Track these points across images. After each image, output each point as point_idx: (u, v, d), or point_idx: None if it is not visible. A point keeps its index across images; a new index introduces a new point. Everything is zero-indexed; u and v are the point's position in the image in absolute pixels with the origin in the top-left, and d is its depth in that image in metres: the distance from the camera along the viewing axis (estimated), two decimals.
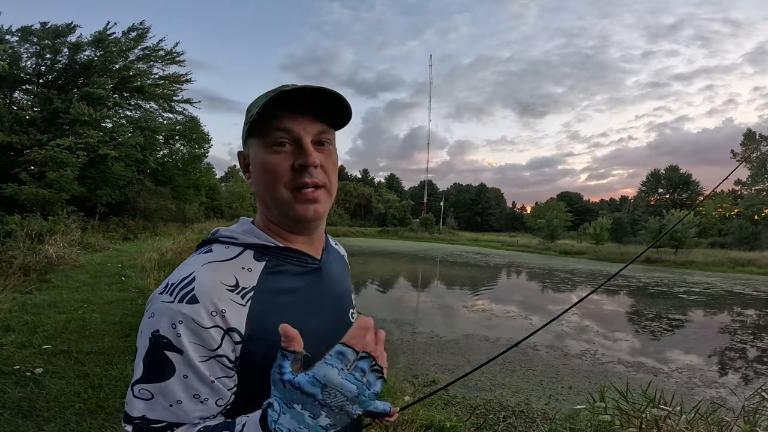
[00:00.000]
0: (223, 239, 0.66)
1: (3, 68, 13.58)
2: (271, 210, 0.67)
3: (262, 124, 0.62)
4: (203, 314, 0.55)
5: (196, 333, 0.55)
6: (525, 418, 3.63)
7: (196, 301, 0.56)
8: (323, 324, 0.67)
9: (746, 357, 6.28)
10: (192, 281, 0.57)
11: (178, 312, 0.55)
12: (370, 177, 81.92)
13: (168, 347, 0.54)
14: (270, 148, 0.63)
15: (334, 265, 0.80)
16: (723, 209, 43.89)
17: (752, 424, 2.23)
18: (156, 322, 0.56)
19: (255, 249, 0.65)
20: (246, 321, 0.58)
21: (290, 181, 0.63)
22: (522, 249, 31.28)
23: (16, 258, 6.87)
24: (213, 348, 0.55)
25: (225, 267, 0.61)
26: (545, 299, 10.72)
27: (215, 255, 0.63)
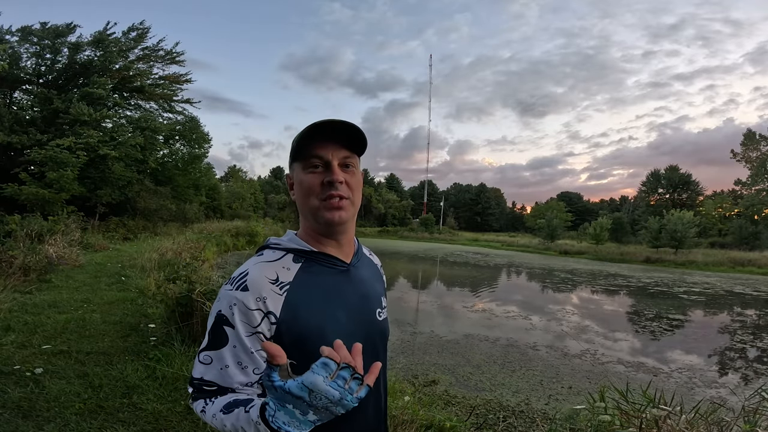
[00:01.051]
0: (272, 245, 0.87)
1: (3, 68, 13.59)
2: (307, 218, 0.85)
3: (302, 152, 0.81)
4: (251, 300, 0.75)
5: (244, 313, 0.74)
6: (525, 418, 3.63)
7: (247, 289, 0.76)
8: (348, 315, 0.83)
9: (746, 357, 6.28)
10: (246, 275, 0.78)
11: (234, 297, 0.75)
12: (370, 177, 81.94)
13: (226, 323, 0.75)
14: (307, 170, 0.82)
15: (364, 270, 0.95)
16: (723, 209, 43.88)
17: (752, 424, 2.23)
18: (220, 303, 0.77)
19: (294, 253, 0.85)
20: (281, 307, 0.76)
21: (320, 194, 0.81)
22: (522, 249, 31.28)
23: (16, 258, 6.86)
24: (255, 326, 0.75)
25: (270, 266, 0.81)
26: (545, 299, 10.71)
27: (265, 257, 0.84)
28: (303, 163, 0.82)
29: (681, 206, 39.45)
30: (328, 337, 0.73)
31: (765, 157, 39.93)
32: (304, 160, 0.82)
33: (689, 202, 48.98)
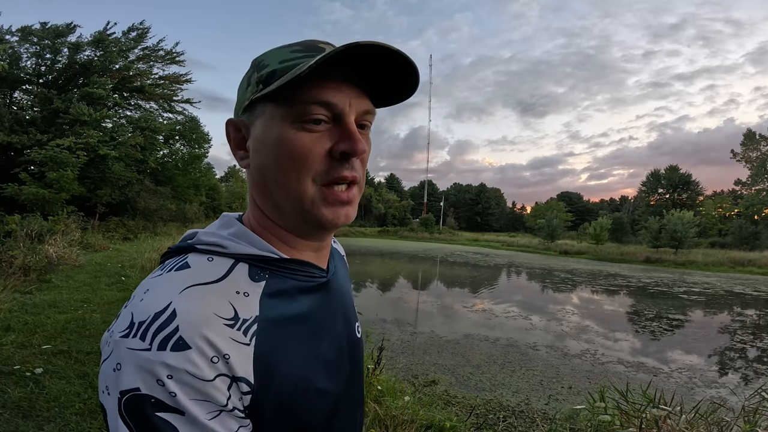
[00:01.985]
0: (202, 247, 0.49)
1: (3, 68, 13.59)
2: (279, 207, 0.50)
3: (292, 90, 0.46)
4: (200, 363, 0.40)
5: (196, 388, 0.40)
6: (525, 418, 3.63)
7: (187, 346, 0.40)
8: (333, 347, 0.55)
9: (746, 357, 6.28)
10: (173, 317, 0.41)
11: (161, 364, 0.39)
12: (370, 177, 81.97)
13: (161, 408, 0.40)
14: (299, 125, 0.47)
15: (339, 272, 0.65)
16: (723, 209, 43.89)
17: (752, 424, 2.23)
18: (129, 378, 0.40)
19: (251, 263, 0.49)
20: (253, 367, 0.44)
21: (322, 173, 0.48)
22: (522, 249, 31.28)
23: (16, 258, 6.87)
24: (222, 403, 0.42)
25: (217, 292, 0.45)
26: (545, 299, 10.71)
27: (195, 274, 0.46)
28: (292, 111, 0.46)
29: (681, 206, 39.45)
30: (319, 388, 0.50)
31: (765, 157, 39.94)
32: (294, 106, 0.46)
33: (689, 202, 49.00)
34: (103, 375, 0.43)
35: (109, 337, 0.44)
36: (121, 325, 0.43)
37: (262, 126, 0.48)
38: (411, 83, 0.51)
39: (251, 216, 0.54)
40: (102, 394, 0.42)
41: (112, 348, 0.42)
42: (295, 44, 0.50)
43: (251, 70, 0.50)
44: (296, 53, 0.48)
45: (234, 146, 0.52)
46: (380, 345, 3.63)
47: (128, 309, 0.44)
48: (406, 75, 0.49)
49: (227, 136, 0.53)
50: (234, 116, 0.53)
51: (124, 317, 0.43)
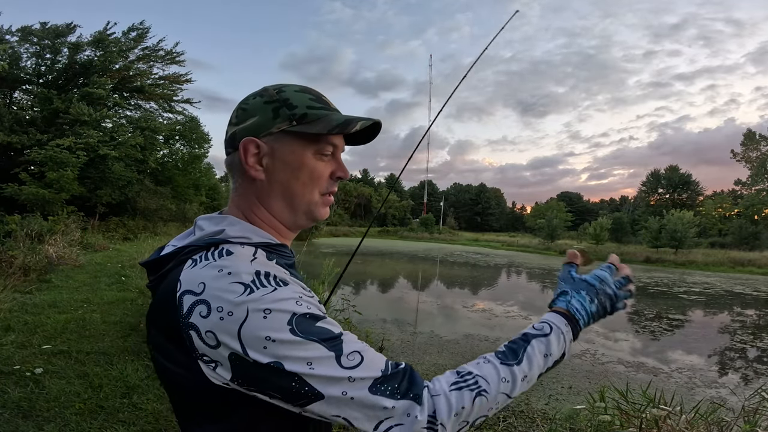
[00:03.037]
0: (234, 240, 0.63)
1: (3, 68, 13.59)
2: (291, 208, 0.68)
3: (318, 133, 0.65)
4: (301, 289, 0.58)
5: (314, 303, 0.58)
6: (525, 418, 3.63)
7: (288, 282, 0.57)
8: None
9: (746, 357, 6.28)
10: (268, 272, 0.56)
11: (291, 292, 0.55)
12: (370, 177, 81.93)
13: (316, 318, 0.55)
14: (316, 155, 0.66)
15: None
16: (723, 209, 43.89)
17: (752, 424, 2.23)
18: (283, 313, 0.53)
19: (263, 248, 0.65)
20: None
21: (325, 188, 0.69)
22: (522, 249, 31.28)
23: (16, 258, 6.87)
24: (323, 311, 0.59)
25: (265, 263, 0.61)
26: (545, 299, 10.71)
27: (243, 255, 0.60)
28: (315, 146, 0.66)
29: (681, 206, 39.45)
30: None
31: (765, 157, 39.94)
32: (318, 143, 0.66)
33: (689, 202, 49.02)
34: (253, 335, 0.51)
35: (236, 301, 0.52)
36: (231, 294, 0.53)
37: (290, 152, 0.65)
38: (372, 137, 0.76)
39: (246, 214, 0.68)
40: (263, 352, 0.51)
41: (246, 307, 0.52)
42: (306, 90, 0.67)
43: (277, 104, 0.65)
44: (315, 102, 0.66)
45: (250, 160, 0.65)
46: (380, 345, 3.63)
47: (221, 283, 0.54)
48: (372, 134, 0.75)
49: (245, 150, 0.64)
50: (250, 134, 0.65)
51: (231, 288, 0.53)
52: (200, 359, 0.53)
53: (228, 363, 0.52)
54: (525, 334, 0.66)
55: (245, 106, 0.66)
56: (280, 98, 0.65)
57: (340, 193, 58.22)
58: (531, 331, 0.66)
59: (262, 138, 0.64)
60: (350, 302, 5.51)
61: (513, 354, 0.63)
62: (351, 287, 10.71)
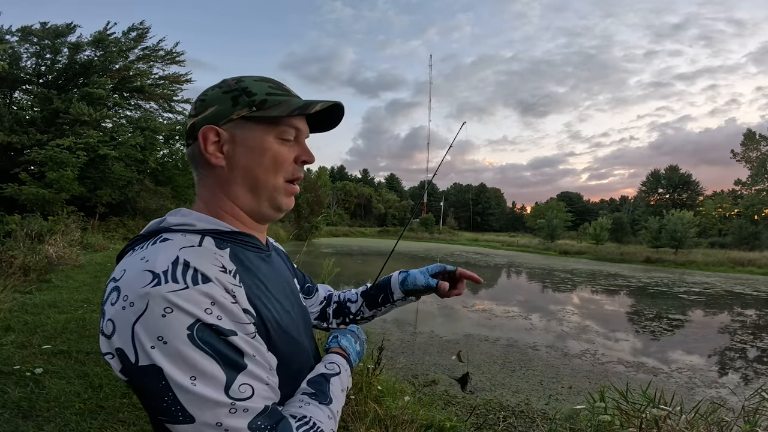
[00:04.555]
0: (175, 228, 0.60)
1: (3, 68, 13.59)
2: (253, 196, 0.66)
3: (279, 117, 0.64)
4: (222, 293, 0.52)
5: (230, 312, 0.51)
6: (525, 418, 3.63)
7: (209, 280, 0.51)
8: (291, 306, 0.71)
9: (746, 357, 6.28)
10: (188, 263, 0.51)
11: (202, 294, 0.49)
12: (370, 177, 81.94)
13: (223, 333, 0.49)
14: (278, 139, 0.65)
15: (275, 254, 0.78)
16: (723, 209, 43.88)
17: (752, 424, 2.23)
18: (186, 314, 0.48)
19: (213, 235, 0.61)
20: (249, 303, 0.57)
21: (289, 173, 0.67)
22: (522, 249, 31.27)
23: (16, 258, 6.86)
24: (246, 322, 0.54)
25: (202, 251, 0.56)
26: (545, 299, 10.71)
27: (178, 243, 0.55)
28: (276, 130, 0.65)
29: (681, 206, 39.45)
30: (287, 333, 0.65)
31: (765, 157, 39.93)
32: (279, 127, 0.65)
33: (689, 202, 49.04)
34: (146, 330, 0.47)
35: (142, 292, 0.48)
36: (138, 282, 0.49)
37: (252, 137, 0.64)
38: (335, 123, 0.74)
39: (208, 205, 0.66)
40: (151, 351, 0.47)
41: (147, 300, 0.48)
42: (266, 80, 0.67)
43: (237, 92, 0.64)
44: (275, 89, 0.65)
45: (208, 147, 0.63)
46: (380, 345, 3.63)
47: (135, 270, 0.51)
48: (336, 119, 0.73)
49: (204, 138, 0.63)
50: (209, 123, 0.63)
51: (141, 276, 0.50)
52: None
53: (117, 355, 0.49)
54: (322, 374, 0.69)
55: (204, 97, 0.66)
56: (239, 87, 0.64)
57: (341, 193, 58.22)
58: (326, 371, 0.70)
59: (222, 126, 0.63)
60: None
61: (323, 395, 0.64)
62: (351, 287, 10.71)
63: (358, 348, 0.84)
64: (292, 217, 29.72)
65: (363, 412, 2.71)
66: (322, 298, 1.05)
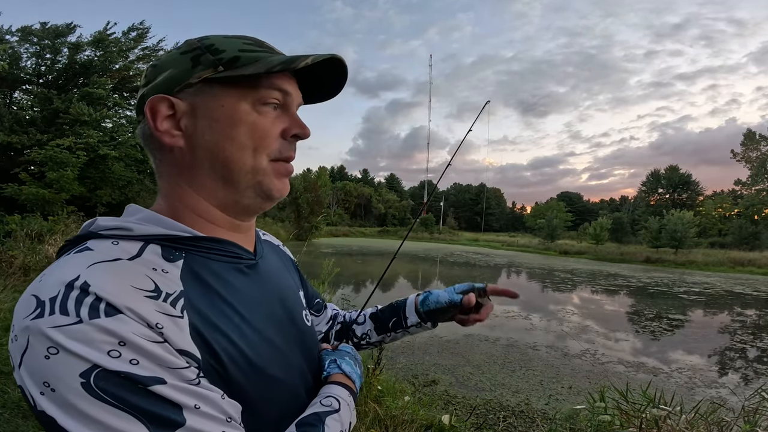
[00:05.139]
0: (104, 233, 0.46)
1: (3, 68, 13.59)
2: (226, 182, 0.51)
3: (257, 76, 0.49)
4: (139, 329, 0.38)
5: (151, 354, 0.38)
6: (525, 418, 3.63)
7: (117, 311, 0.37)
8: (278, 332, 0.55)
9: (746, 357, 6.28)
10: (87, 286, 0.38)
11: (104, 332, 0.36)
12: (370, 177, 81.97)
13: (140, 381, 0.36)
14: (259, 106, 0.50)
15: (271, 260, 0.65)
16: (723, 209, 43.90)
17: (752, 424, 2.23)
18: (73, 358, 0.35)
19: (162, 243, 0.47)
20: (191, 339, 0.42)
21: (275, 151, 0.51)
22: (522, 249, 31.28)
23: (16, 258, 6.87)
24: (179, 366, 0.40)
25: (126, 266, 0.42)
26: (545, 299, 10.71)
27: (101, 254, 0.42)
28: (255, 94, 0.50)
29: (681, 206, 39.46)
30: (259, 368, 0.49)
31: (765, 157, 39.94)
32: (257, 90, 0.50)
33: (689, 202, 49.06)
34: (30, 373, 0.36)
35: (23, 325, 0.37)
36: (22, 311, 0.38)
37: (219, 105, 0.49)
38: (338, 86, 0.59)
39: (165, 203, 0.52)
40: (40, 398, 0.36)
41: (28, 336, 0.36)
42: (239, 36, 0.52)
43: (198, 51, 0.49)
44: (251, 45, 0.51)
45: (161, 123, 0.49)
46: None
47: (27, 294, 0.39)
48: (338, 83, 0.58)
49: (153, 112, 0.48)
50: (160, 92, 0.49)
51: (26, 302, 0.38)
52: None
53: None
54: (316, 414, 0.54)
55: (157, 62, 0.51)
56: (201, 45, 0.50)
57: (341, 193, 58.23)
58: (321, 409, 0.55)
59: (178, 94, 0.49)
60: (350, 302, 5.52)
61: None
62: (351, 287, 10.71)
63: (359, 371, 0.69)
64: (292, 217, 29.72)
65: (363, 412, 2.72)
66: (329, 317, 0.91)
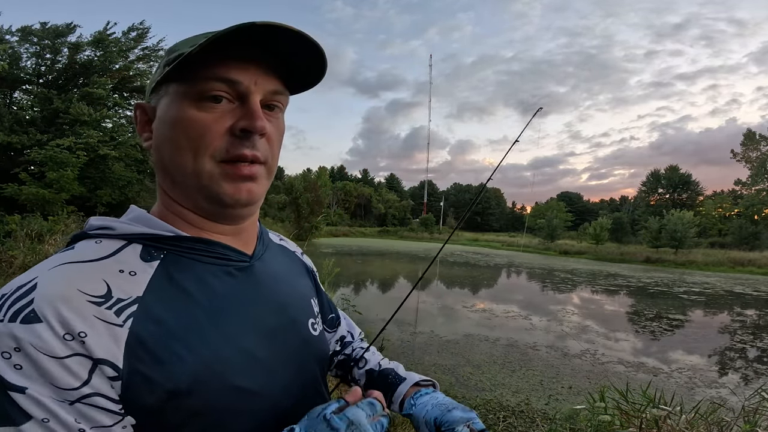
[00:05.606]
0: (92, 232, 0.47)
1: (3, 68, 13.60)
2: (179, 187, 0.49)
3: (192, 68, 0.45)
4: (48, 338, 0.38)
5: (42, 366, 0.37)
6: (525, 418, 3.63)
7: (38, 319, 0.38)
8: (260, 342, 0.51)
9: (746, 357, 6.28)
10: (31, 291, 0.40)
11: (8, 336, 0.38)
12: (370, 177, 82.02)
13: (6, 385, 0.37)
14: (197, 102, 0.46)
15: (275, 262, 0.61)
16: (723, 209, 43.91)
17: (752, 424, 2.23)
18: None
19: (144, 242, 0.47)
20: (125, 350, 0.40)
21: (221, 150, 0.46)
22: (522, 249, 31.28)
23: (16, 258, 6.87)
24: (74, 386, 0.38)
25: (89, 269, 0.43)
26: (545, 299, 10.71)
27: (76, 254, 0.44)
28: (192, 88, 0.46)
29: (681, 206, 39.47)
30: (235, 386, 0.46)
31: (765, 157, 39.94)
32: (194, 84, 0.46)
33: (689, 202, 49.05)
34: None
35: None
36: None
37: (165, 106, 0.48)
38: (320, 66, 0.51)
39: (157, 206, 0.53)
40: None
41: None
42: (205, 34, 0.47)
43: (165, 56, 0.50)
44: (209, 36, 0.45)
45: (140, 128, 0.52)
46: (380, 345, 3.63)
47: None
48: (314, 58, 0.50)
49: (135, 119, 0.53)
50: (144, 100, 0.53)
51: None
52: None
53: None
54: None
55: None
56: (168, 49, 0.51)
57: (340, 193, 58.24)
58: None
59: (151, 100, 0.51)
60: (350, 302, 5.52)
61: None
62: (351, 287, 10.71)
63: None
64: (292, 217, 29.74)
65: None
66: (339, 338, 0.79)
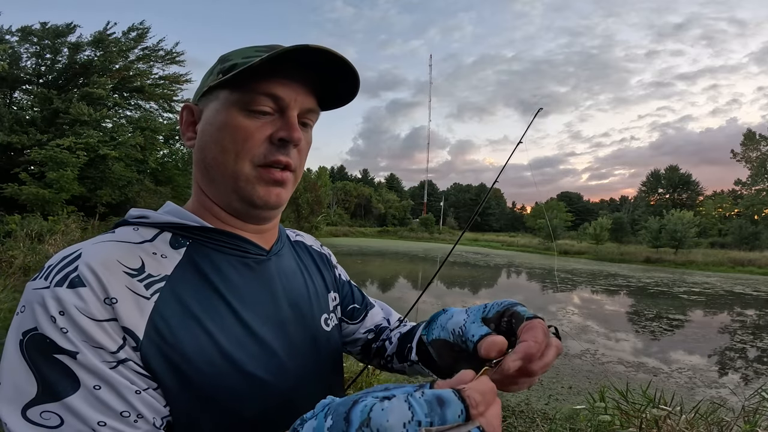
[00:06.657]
0: (132, 220, 0.53)
1: (3, 68, 13.60)
2: (216, 185, 0.54)
3: (246, 82, 0.50)
4: (90, 300, 0.41)
5: (80, 329, 0.40)
6: (525, 418, 3.63)
7: (82, 284, 0.42)
8: (277, 332, 0.55)
9: (746, 357, 6.28)
10: (76, 259, 0.44)
11: (54, 299, 0.40)
12: (370, 177, 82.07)
13: (56, 350, 0.39)
14: (247, 111, 0.51)
15: (292, 259, 0.66)
16: (723, 209, 43.91)
17: (752, 424, 2.23)
18: (28, 317, 0.40)
19: (175, 231, 0.52)
20: (147, 322, 0.44)
21: (259, 156, 0.51)
22: (522, 249, 31.28)
23: (16, 258, 6.87)
24: (112, 350, 0.41)
25: (128, 247, 0.48)
26: (545, 299, 10.71)
27: (118, 236, 0.50)
28: (242, 98, 0.51)
29: (681, 206, 39.47)
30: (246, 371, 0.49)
31: (765, 157, 39.95)
32: (246, 94, 0.51)
33: (689, 202, 49.06)
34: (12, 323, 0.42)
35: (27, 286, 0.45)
36: (37, 273, 0.45)
37: (214, 110, 0.53)
38: (352, 88, 0.56)
39: (194, 197, 0.58)
40: (6, 343, 0.41)
41: (25, 292, 0.43)
42: (262, 46, 0.54)
43: (216, 64, 0.55)
44: (259, 52, 0.51)
45: (184, 128, 0.57)
46: None
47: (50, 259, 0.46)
48: (348, 81, 0.54)
49: (180, 118, 0.58)
50: (192, 102, 0.57)
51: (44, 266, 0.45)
52: None
53: None
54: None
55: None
56: (221, 58, 0.55)
57: (340, 193, 58.26)
58: None
59: (199, 102, 0.55)
60: None
61: None
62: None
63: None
64: (292, 217, 29.73)
65: None
66: (371, 327, 0.80)
